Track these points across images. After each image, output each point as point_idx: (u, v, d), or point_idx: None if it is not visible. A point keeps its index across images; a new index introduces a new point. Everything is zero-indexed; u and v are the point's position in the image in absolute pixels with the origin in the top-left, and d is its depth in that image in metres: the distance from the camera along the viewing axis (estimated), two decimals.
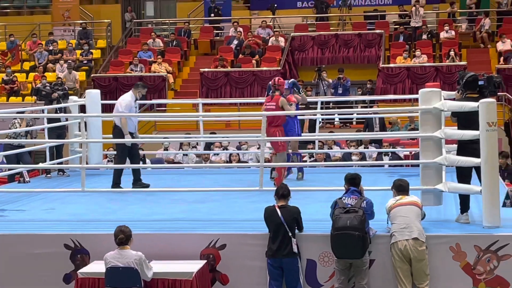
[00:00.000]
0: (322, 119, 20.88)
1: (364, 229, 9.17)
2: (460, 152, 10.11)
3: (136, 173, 13.24)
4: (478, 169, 9.80)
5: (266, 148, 13.89)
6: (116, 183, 12.98)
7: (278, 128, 13.00)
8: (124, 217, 10.65)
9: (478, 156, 9.65)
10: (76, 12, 31.29)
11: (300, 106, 14.52)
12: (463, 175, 10.14)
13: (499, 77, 10.52)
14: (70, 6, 31.13)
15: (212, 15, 29.98)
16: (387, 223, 9.54)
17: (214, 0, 29.93)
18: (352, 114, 20.73)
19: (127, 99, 13.26)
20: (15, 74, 27.49)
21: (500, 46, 26.14)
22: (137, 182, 13.15)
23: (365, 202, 9.38)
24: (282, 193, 9.63)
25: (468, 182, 10.11)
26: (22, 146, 15.27)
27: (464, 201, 10.16)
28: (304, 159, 17.95)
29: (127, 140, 12.93)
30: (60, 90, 15.00)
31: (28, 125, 15.45)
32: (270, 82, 13.43)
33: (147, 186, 13.04)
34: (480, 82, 10.15)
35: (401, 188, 9.63)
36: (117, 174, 13.08)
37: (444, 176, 10.30)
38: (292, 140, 13.57)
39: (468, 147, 9.92)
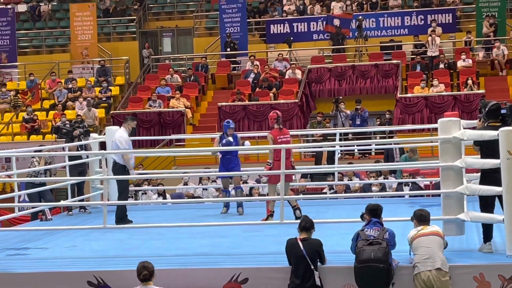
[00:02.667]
0: (341, 151, 20.86)
1: (388, 261, 9.14)
2: (482, 181, 10.09)
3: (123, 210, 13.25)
4: (501, 197, 9.76)
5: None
6: (121, 218, 12.92)
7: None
8: (146, 253, 10.65)
9: (500, 184, 9.63)
10: (94, 50, 31.61)
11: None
12: (486, 204, 10.10)
13: None
14: (88, 44, 31.45)
15: (229, 49, 30.15)
16: (410, 254, 9.48)
17: (230, 35, 30.12)
18: (370, 144, 20.70)
19: (124, 135, 13.35)
20: (36, 112, 27.78)
21: None
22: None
23: (387, 233, 9.34)
24: (304, 225, 9.62)
25: (491, 211, 10.06)
26: (44, 184, 15.34)
27: (487, 230, 10.10)
28: (324, 191, 17.95)
29: (133, 176, 13.13)
30: (81, 128, 15.13)
31: (46, 163, 15.54)
32: (274, 115, 13.21)
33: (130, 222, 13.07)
34: (503, 111, 10.15)
35: (422, 218, 9.59)
36: (122, 210, 13.03)
37: (465, 205, 10.26)
38: (235, 176, 14.48)
39: (490, 176, 9.90)
